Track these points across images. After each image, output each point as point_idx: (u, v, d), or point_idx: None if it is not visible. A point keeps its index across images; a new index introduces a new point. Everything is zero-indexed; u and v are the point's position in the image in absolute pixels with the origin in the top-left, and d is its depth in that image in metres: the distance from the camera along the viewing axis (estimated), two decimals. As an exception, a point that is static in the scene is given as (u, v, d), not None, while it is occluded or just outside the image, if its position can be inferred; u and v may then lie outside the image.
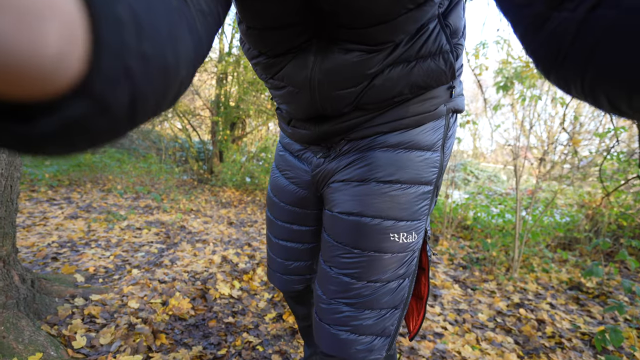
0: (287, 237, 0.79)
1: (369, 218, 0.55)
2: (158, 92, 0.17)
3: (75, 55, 0.12)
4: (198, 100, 7.41)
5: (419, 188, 0.56)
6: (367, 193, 0.56)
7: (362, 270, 0.57)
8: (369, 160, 0.57)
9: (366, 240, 0.56)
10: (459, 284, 2.43)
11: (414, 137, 0.56)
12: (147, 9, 0.15)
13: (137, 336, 1.36)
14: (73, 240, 2.44)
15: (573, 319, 1.96)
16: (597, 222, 3.41)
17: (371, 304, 0.58)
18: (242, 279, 2.08)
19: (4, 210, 1.30)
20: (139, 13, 0.14)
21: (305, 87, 0.52)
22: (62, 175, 4.53)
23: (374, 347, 0.60)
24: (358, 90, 0.51)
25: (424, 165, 0.56)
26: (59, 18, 0.11)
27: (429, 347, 1.53)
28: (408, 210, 0.56)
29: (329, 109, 0.55)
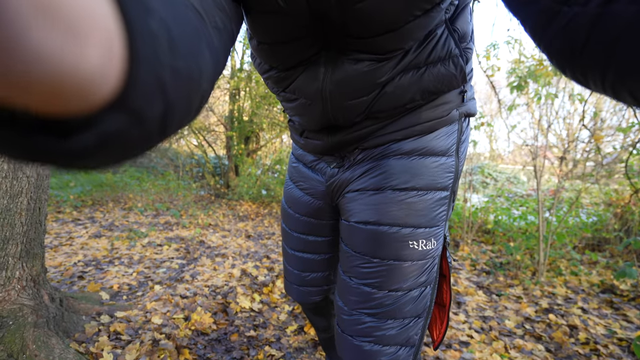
0: (302, 248, 0.79)
1: (387, 226, 0.55)
2: (185, 104, 0.18)
3: (113, 71, 0.12)
4: (212, 116, 7.60)
5: (435, 194, 0.55)
6: (383, 201, 0.56)
7: (383, 280, 0.56)
8: (383, 168, 0.57)
9: (385, 249, 0.56)
10: (483, 290, 2.36)
11: (427, 143, 0.55)
12: (175, 25, 0.15)
13: (161, 352, 1.38)
14: (97, 258, 2.51)
15: (608, 324, 1.87)
16: (627, 220, 3.26)
17: (394, 313, 0.57)
18: (262, 291, 2.08)
19: (34, 232, 1.36)
20: (170, 28, 0.14)
21: (317, 99, 0.53)
22: (85, 196, 4.70)
23: (398, 357, 0.59)
24: (369, 100, 0.51)
25: (439, 170, 0.56)
26: (99, 34, 0.11)
27: (455, 357, 1.49)
28: (426, 216, 0.55)
29: (341, 119, 0.55)
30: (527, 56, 3.25)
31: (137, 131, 0.14)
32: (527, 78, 2.94)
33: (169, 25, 0.14)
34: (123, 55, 0.12)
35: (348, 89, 0.50)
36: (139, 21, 0.13)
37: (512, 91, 3.23)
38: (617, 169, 4.31)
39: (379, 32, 0.43)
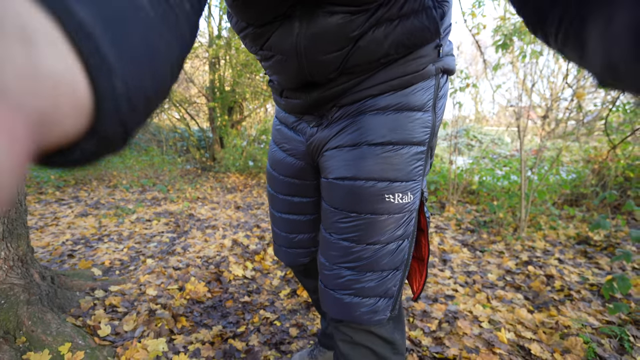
0: (288, 210, 0.80)
1: (363, 181, 0.56)
2: (145, 114, 0.22)
3: (84, 122, 0.16)
4: (193, 87, 7.32)
5: (411, 148, 0.56)
6: (359, 157, 0.57)
7: (361, 234, 0.58)
8: (359, 124, 0.57)
9: (362, 203, 0.57)
10: (468, 247, 2.46)
11: (403, 98, 0.56)
12: (135, 74, 0.18)
13: (158, 321, 1.41)
14: (86, 236, 2.49)
15: (581, 272, 1.99)
16: (603, 176, 3.39)
17: (372, 266, 0.59)
18: (254, 259, 2.13)
19: (14, 212, 1.33)
20: (130, 84, 0.18)
21: (292, 54, 0.53)
22: (67, 176, 4.57)
23: (378, 308, 0.62)
24: (344, 54, 0.51)
25: (415, 125, 0.56)
26: (73, 98, 0.15)
27: (441, 309, 1.58)
28: (402, 170, 0.56)
29: (317, 75, 0.55)
30: (512, 12, 3.18)
31: (107, 146, 0.19)
32: (513, 35, 2.89)
33: (129, 80, 0.18)
34: (91, 110, 0.16)
35: (322, 43, 0.50)
36: (105, 83, 0.16)
37: (497, 50, 3.20)
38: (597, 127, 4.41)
39: None
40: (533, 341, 1.35)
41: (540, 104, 5.71)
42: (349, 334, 0.66)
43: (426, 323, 1.47)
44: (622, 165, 3.25)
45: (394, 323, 0.69)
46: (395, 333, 0.69)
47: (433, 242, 2.51)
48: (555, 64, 5.94)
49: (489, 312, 1.56)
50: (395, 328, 0.70)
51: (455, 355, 1.26)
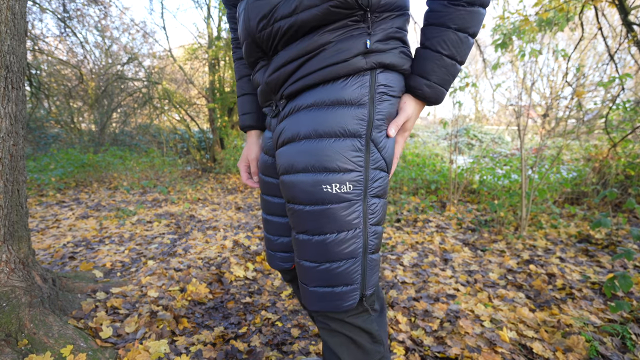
0: (272, 211, 0.84)
1: (300, 173, 0.62)
2: None
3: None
4: (193, 89, 7.33)
5: (344, 140, 0.60)
6: (295, 151, 0.63)
7: (311, 225, 0.63)
8: (295, 120, 0.65)
9: (304, 195, 0.62)
10: (469, 246, 2.46)
11: (333, 92, 0.62)
12: None
13: (160, 322, 1.41)
14: (87, 238, 2.49)
15: (583, 270, 1.99)
16: (604, 174, 3.39)
17: (329, 256, 0.63)
18: (255, 260, 2.13)
19: (15, 215, 1.33)
20: None
21: (243, 7, 0.68)
22: (68, 178, 4.58)
23: (343, 296, 0.65)
24: (273, 3, 0.61)
25: (347, 118, 0.60)
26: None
27: (443, 309, 1.58)
28: (336, 162, 0.60)
29: (255, 28, 0.65)
30: (511, 12, 3.18)
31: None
32: (512, 34, 2.89)
33: None
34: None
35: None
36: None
37: (496, 49, 3.19)
38: (597, 125, 4.40)
39: None
40: (535, 340, 1.35)
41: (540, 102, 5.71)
42: (326, 322, 0.71)
43: (428, 322, 1.47)
44: (623, 163, 3.25)
45: (372, 315, 0.72)
46: (374, 324, 0.72)
47: (434, 242, 2.51)
48: (554, 62, 5.94)
49: (491, 311, 1.56)
50: (375, 319, 0.72)
51: (457, 355, 1.26)
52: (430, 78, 0.64)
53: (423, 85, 0.64)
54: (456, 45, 0.62)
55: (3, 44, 1.25)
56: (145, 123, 7.73)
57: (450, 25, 0.61)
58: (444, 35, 0.62)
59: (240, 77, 0.89)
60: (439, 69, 0.63)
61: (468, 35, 0.62)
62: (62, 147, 6.28)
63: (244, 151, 0.91)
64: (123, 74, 7.20)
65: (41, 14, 6.32)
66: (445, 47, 0.62)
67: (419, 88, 0.65)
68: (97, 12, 6.82)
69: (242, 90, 0.89)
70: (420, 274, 1.99)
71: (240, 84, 0.89)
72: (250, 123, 0.88)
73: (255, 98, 0.86)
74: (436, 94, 0.65)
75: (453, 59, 0.63)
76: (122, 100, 7.38)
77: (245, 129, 0.90)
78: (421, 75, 0.65)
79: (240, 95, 0.90)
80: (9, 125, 1.29)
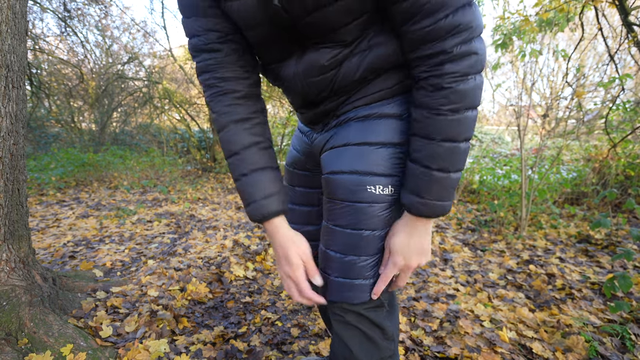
0: (300, 201, 0.91)
1: (347, 174, 0.66)
2: None
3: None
4: (193, 88, 7.33)
5: (388, 149, 0.65)
6: (345, 154, 0.67)
7: (349, 220, 0.67)
8: (347, 130, 0.69)
9: (347, 193, 0.66)
10: (469, 246, 2.46)
11: (382, 108, 0.66)
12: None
13: (160, 322, 1.42)
14: (87, 238, 2.49)
15: (582, 271, 1.99)
16: (604, 174, 3.39)
17: (357, 250, 0.67)
18: (255, 260, 2.13)
19: (15, 214, 1.33)
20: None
21: (294, 80, 0.68)
22: (68, 177, 4.58)
23: (360, 288, 0.68)
24: (330, 77, 0.65)
25: (392, 130, 0.65)
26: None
27: (442, 309, 1.58)
28: (381, 166, 0.65)
29: (312, 95, 0.69)
30: (511, 12, 3.18)
31: None
32: (512, 35, 2.89)
33: None
34: None
35: (312, 70, 0.65)
36: None
37: (496, 49, 3.20)
38: (597, 125, 4.40)
39: (325, 32, 0.59)
40: (534, 340, 1.35)
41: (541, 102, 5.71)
42: (341, 314, 0.72)
43: (427, 322, 1.47)
44: (623, 164, 3.25)
45: (386, 311, 0.74)
46: (387, 320, 0.74)
47: (434, 242, 2.51)
48: (555, 62, 5.94)
49: (490, 311, 1.56)
50: (387, 315, 0.75)
51: (456, 355, 1.26)
52: (424, 196, 0.60)
53: (417, 204, 0.60)
54: (446, 158, 0.57)
55: (4, 43, 1.25)
56: (146, 122, 7.73)
57: (434, 137, 0.56)
58: (429, 149, 0.57)
59: (246, 147, 0.68)
60: (432, 185, 0.59)
61: (459, 143, 0.57)
62: (63, 147, 6.28)
63: (289, 254, 0.68)
64: (123, 74, 7.20)
65: (42, 13, 6.32)
66: (433, 162, 0.58)
67: (413, 207, 0.61)
68: (97, 12, 6.82)
69: (254, 165, 0.68)
70: (420, 274, 1.99)
71: (247, 155, 0.68)
72: (279, 207, 0.68)
73: (278, 172, 0.71)
74: (435, 210, 0.60)
75: (446, 172, 0.58)
76: (122, 100, 7.38)
77: (270, 217, 0.67)
78: (414, 193, 0.61)
79: (249, 173, 0.68)
80: (9, 125, 1.29)
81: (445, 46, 0.52)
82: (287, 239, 0.69)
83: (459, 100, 0.54)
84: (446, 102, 0.54)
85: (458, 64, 0.53)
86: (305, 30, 0.60)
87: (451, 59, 0.53)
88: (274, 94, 5.65)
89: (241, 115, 0.69)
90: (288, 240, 0.69)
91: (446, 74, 0.53)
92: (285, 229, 0.69)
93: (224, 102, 0.68)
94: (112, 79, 6.92)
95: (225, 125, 0.69)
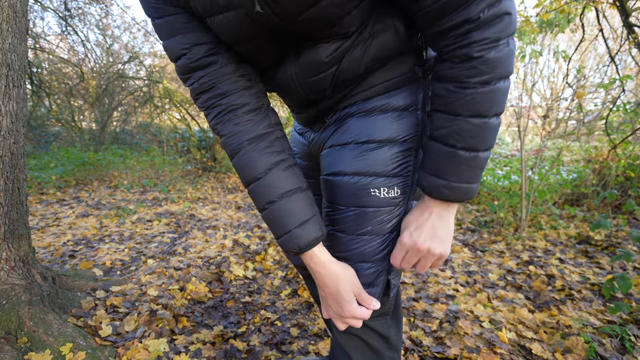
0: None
1: (350, 176, 0.60)
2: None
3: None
4: (193, 88, 7.32)
5: (394, 146, 0.59)
6: (346, 154, 0.61)
7: (350, 225, 0.61)
8: (348, 126, 0.63)
9: (349, 197, 0.60)
10: (469, 247, 2.46)
11: (388, 99, 0.60)
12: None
13: (159, 321, 1.42)
14: (87, 237, 2.49)
15: (582, 272, 1.99)
16: (604, 175, 3.39)
17: (361, 256, 0.62)
18: (254, 260, 2.13)
19: (15, 213, 1.33)
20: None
21: (290, 82, 0.62)
22: (68, 176, 4.58)
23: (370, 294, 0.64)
24: (331, 74, 0.58)
25: (400, 125, 0.59)
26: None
27: (442, 309, 1.58)
28: (387, 167, 0.58)
29: (313, 94, 0.63)
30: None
31: None
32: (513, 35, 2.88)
33: None
34: None
35: (309, 69, 0.59)
36: None
37: (497, 50, 3.18)
38: (597, 126, 4.40)
39: (322, 29, 0.52)
40: (534, 341, 1.35)
41: (541, 103, 5.71)
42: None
43: (427, 323, 1.47)
44: (623, 165, 3.25)
45: (390, 319, 0.72)
46: (391, 329, 0.71)
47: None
48: (555, 63, 5.93)
49: (490, 312, 1.56)
50: (391, 324, 0.72)
51: (456, 355, 1.26)
52: (448, 178, 0.52)
53: (440, 187, 0.53)
54: (474, 135, 0.50)
55: (4, 42, 1.26)
56: (146, 122, 7.73)
57: (461, 113, 0.49)
58: (454, 126, 0.50)
59: (268, 170, 0.58)
60: (457, 166, 0.51)
61: (489, 119, 0.49)
62: (63, 146, 6.28)
63: (341, 291, 0.59)
64: (124, 73, 7.20)
65: (42, 12, 6.32)
66: (459, 140, 0.50)
67: (435, 190, 0.54)
68: (98, 11, 6.83)
69: (281, 189, 0.58)
70: (420, 275, 1.99)
71: (271, 179, 0.58)
72: (319, 232, 0.58)
73: (309, 191, 0.62)
74: (460, 194, 0.53)
75: (473, 151, 0.51)
76: (122, 99, 7.38)
77: (313, 244, 0.58)
78: (435, 175, 0.53)
79: (277, 200, 0.58)
80: (9, 124, 1.29)
81: (470, 14, 0.44)
82: (335, 276, 0.58)
83: (489, 70, 0.46)
84: (475, 74, 0.47)
85: (487, 30, 0.45)
86: (302, 29, 0.52)
87: (478, 26, 0.45)
88: (273, 94, 5.65)
89: (255, 132, 0.59)
90: (336, 277, 0.58)
91: (474, 42, 0.45)
92: (330, 263, 0.59)
93: (233, 122, 0.58)
94: (112, 78, 6.92)
95: (238, 147, 0.58)
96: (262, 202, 0.58)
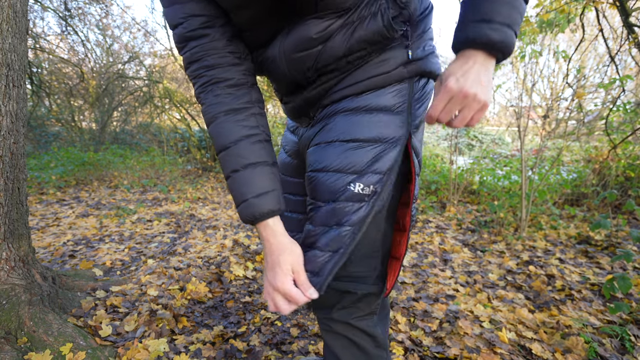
0: (290, 208, 0.84)
1: (331, 172, 0.61)
2: None
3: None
4: (193, 88, 7.33)
5: (377, 146, 0.60)
6: (330, 151, 0.62)
7: (329, 220, 0.61)
8: (333, 123, 0.64)
9: (329, 194, 0.61)
10: (469, 247, 2.46)
11: (374, 99, 0.61)
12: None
13: (159, 321, 1.42)
14: (87, 237, 2.49)
15: (582, 272, 1.99)
16: (604, 175, 3.39)
17: (320, 244, 0.62)
18: (254, 259, 2.13)
19: (15, 213, 1.33)
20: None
21: (277, 56, 0.63)
22: (68, 176, 4.58)
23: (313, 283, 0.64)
24: (314, 53, 0.60)
25: (384, 125, 0.60)
26: None
27: (442, 309, 1.58)
28: (368, 164, 0.59)
29: (296, 72, 0.64)
30: (513, 13, 3.17)
31: None
32: (513, 35, 2.88)
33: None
34: None
35: (296, 44, 0.61)
36: None
37: (497, 50, 3.18)
38: (597, 126, 4.40)
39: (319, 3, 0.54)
40: (534, 341, 1.35)
41: (541, 103, 5.71)
42: (329, 324, 0.69)
43: (427, 323, 1.47)
44: (623, 165, 3.25)
45: (377, 318, 0.72)
46: (378, 328, 0.71)
47: (434, 242, 2.51)
48: (555, 63, 5.94)
49: (490, 312, 1.56)
50: (378, 323, 0.72)
51: (456, 355, 1.26)
52: (495, 18, 0.49)
53: (486, 29, 0.49)
54: None
55: (4, 42, 1.26)
56: (146, 122, 7.73)
57: None
58: None
59: (237, 141, 0.61)
60: (502, 6, 0.49)
61: None
62: (63, 146, 6.28)
63: (281, 260, 0.60)
64: (124, 73, 7.20)
65: (43, 12, 6.32)
66: None
67: (483, 34, 0.50)
68: (98, 11, 6.83)
69: (247, 160, 0.61)
70: (420, 275, 1.99)
71: (239, 149, 0.61)
72: (275, 206, 0.61)
73: (275, 168, 0.64)
74: (506, 38, 0.50)
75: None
76: (123, 99, 7.39)
77: (262, 217, 0.60)
78: (480, 20, 0.50)
79: (241, 169, 0.61)
80: (9, 124, 1.29)
81: None
82: (281, 246, 0.60)
83: None
84: None
85: None
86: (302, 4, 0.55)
87: None
88: (274, 94, 5.65)
89: (232, 105, 0.61)
90: (282, 247, 0.60)
91: None
92: (281, 234, 0.61)
93: (214, 92, 0.62)
94: (112, 78, 6.92)
95: (214, 117, 0.62)
96: (228, 170, 0.62)
